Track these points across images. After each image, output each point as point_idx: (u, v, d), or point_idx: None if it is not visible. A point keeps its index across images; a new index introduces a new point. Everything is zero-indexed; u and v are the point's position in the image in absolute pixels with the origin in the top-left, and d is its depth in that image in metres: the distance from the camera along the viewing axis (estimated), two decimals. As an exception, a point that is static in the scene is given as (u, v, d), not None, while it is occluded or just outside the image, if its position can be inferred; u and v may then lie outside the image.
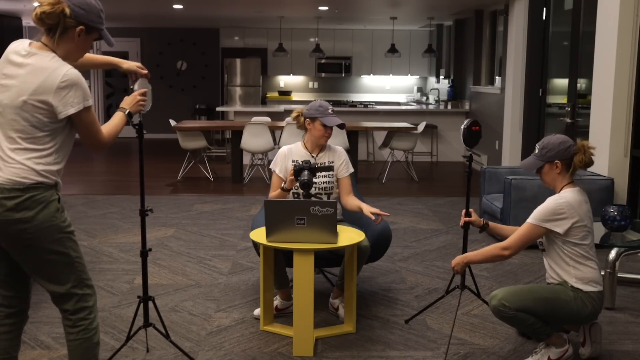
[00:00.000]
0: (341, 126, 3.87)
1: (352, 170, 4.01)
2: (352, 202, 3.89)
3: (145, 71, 3.04)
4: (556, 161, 3.12)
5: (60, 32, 2.41)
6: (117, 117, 2.68)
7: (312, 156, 3.91)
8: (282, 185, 3.80)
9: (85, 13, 2.42)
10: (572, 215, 3.05)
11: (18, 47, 2.44)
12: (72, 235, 2.52)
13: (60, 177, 2.49)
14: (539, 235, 3.12)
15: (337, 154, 3.98)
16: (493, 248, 3.16)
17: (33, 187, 2.38)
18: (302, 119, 3.91)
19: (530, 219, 3.10)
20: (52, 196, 2.42)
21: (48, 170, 2.41)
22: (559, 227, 3.05)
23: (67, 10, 2.38)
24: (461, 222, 3.60)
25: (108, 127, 2.59)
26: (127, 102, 2.79)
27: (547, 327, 3.12)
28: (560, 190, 3.16)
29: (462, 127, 3.52)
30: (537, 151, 3.17)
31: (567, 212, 3.05)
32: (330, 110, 3.86)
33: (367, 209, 3.67)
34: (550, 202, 3.09)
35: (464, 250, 3.70)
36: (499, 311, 3.08)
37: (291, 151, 3.95)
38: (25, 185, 2.36)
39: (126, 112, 2.73)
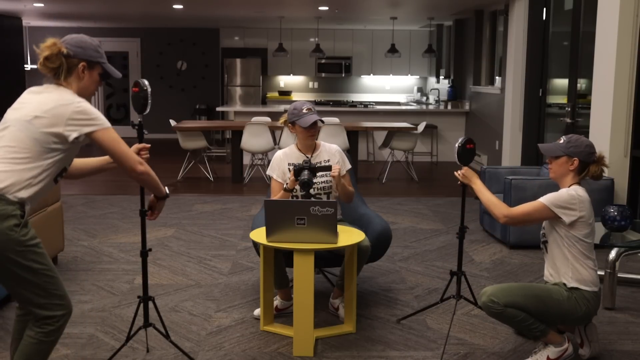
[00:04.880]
0: (316, 122, 3.81)
1: (349, 166, 4.02)
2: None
3: (144, 153, 3.03)
4: (575, 158, 3.15)
5: (65, 72, 2.55)
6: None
7: (307, 157, 3.90)
8: (285, 186, 3.80)
9: (82, 50, 2.58)
10: (581, 210, 3.09)
11: (35, 87, 2.58)
12: (36, 247, 2.46)
13: (30, 202, 2.47)
14: (545, 217, 3.15)
15: (332, 153, 3.97)
16: (499, 204, 3.21)
17: None
18: (288, 124, 3.91)
19: (543, 200, 3.13)
20: (14, 211, 2.40)
21: (15, 189, 2.41)
22: (566, 217, 3.09)
23: (64, 50, 2.53)
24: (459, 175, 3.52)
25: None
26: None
27: (540, 324, 3.12)
28: (569, 187, 3.19)
29: (456, 145, 3.51)
30: (562, 142, 3.21)
31: (578, 205, 3.09)
32: (305, 110, 3.81)
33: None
34: (564, 191, 3.14)
35: (460, 252, 3.69)
36: (488, 307, 3.10)
37: (286, 154, 3.96)
38: None
39: (166, 191, 2.91)
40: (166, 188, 2.90)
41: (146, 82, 3.14)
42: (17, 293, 2.50)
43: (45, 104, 2.45)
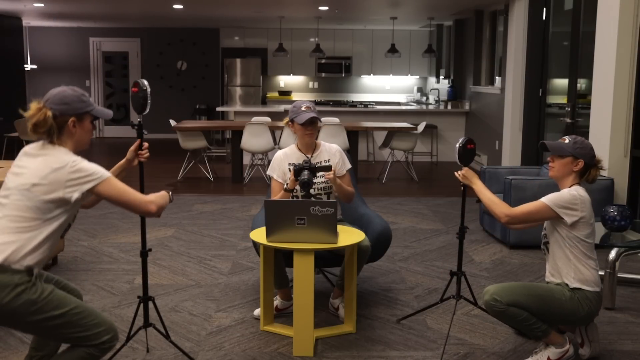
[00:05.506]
0: (313, 120, 3.81)
1: (349, 166, 4.01)
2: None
3: (143, 153, 3.08)
4: (581, 160, 3.15)
5: (57, 132, 2.50)
6: (161, 193, 2.79)
7: (307, 157, 3.90)
8: (285, 186, 3.80)
9: (67, 106, 2.51)
10: (582, 210, 3.10)
11: (32, 145, 2.54)
12: (51, 295, 2.46)
13: (37, 266, 2.46)
14: (547, 217, 3.15)
15: (332, 152, 3.97)
16: (500, 203, 3.20)
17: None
18: (289, 123, 3.92)
19: (545, 200, 3.13)
20: (20, 279, 2.39)
21: (20, 258, 2.40)
22: (568, 217, 3.09)
23: (49, 113, 2.47)
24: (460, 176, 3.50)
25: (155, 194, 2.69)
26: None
27: (542, 324, 3.12)
28: (570, 187, 3.19)
29: (457, 145, 3.51)
30: (567, 141, 3.20)
31: (579, 206, 3.10)
32: (304, 108, 3.81)
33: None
34: (566, 192, 3.14)
35: (460, 252, 3.69)
36: (490, 306, 3.10)
37: (286, 155, 3.96)
38: None
39: (169, 192, 2.84)
40: (170, 193, 2.86)
41: (145, 82, 3.13)
42: (60, 339, 2.53)
43: (42, 170, 2.42)
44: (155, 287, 4.43)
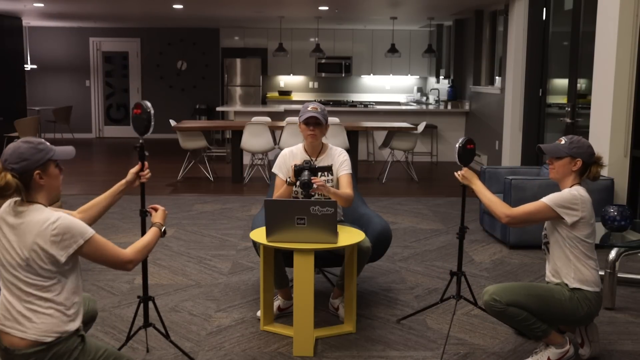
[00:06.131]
0: (312, 119, 3.80)
1: (348, 170, 3.94)
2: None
3: (145, 174, 3.07)
4: (578, 159, 3.15)
5: (24, 189, 2.41)
6: (152, 233, 2.73)
7: (312, 159, 3.89)
8: (287, 179, 3.80)
9: (27, 162, 2.40)
10: (583, 210, 3.10)
11: (6, 209, 2.46)
12: (106, 351, 2.49)
13: (81, 323, 2.47)
14: (547, 217, 3.14)
15: (336, 156, 3.95)
16: (500, 204, 3.20)
17: (54, 344, 2.38)
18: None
19: (546, 200, 3.13)
20: (73, 344, 2.41)
21: (64, 329, 2.40)
22: (569, 217, 3.09)
23: (9, 177, 2.37)
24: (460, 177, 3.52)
25: (138, 244, 2.62)
26: (160, 217, 2.85)
27: (541, 324, 3.12)
28: (570, 187, 3.19)
29: (457, 145, 3.50)
30: (563, 142, 3.20)
31: (580, 206, 3.10)
32: (310, 108, 3.81)
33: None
34: (566, 192, 3.14)
35: (460, 252, 3.69)
36: (490, 306, 3.10)
37: (292, 153, 3.95)
38: (46, 345, 2.37)
39: (162, 229, 2.79)
40: (164, 229, 2.82)
41: (149, 104, 3.06)
42: None
43: (26, 238, 2.36)
44: (155, 287, 4.43)
